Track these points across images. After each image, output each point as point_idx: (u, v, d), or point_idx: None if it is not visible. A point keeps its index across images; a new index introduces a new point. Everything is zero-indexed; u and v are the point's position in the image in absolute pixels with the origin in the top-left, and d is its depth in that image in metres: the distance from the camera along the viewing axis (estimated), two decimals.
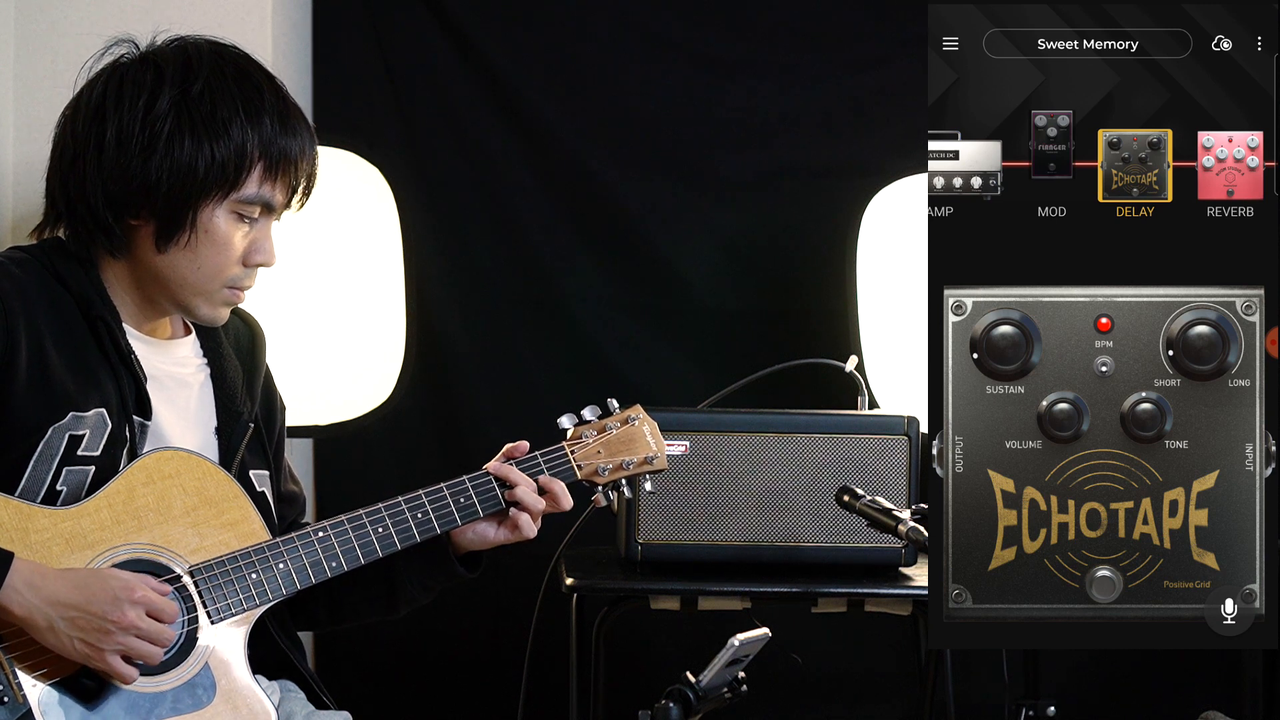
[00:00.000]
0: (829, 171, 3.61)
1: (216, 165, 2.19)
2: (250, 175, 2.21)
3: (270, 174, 2.22)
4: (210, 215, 2.21)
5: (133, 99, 2.20)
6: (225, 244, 2.22)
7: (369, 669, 3.65)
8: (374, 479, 3.56)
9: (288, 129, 2.24)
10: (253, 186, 2.22)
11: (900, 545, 2.92)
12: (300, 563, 2.23)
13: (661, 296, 3.66)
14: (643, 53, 3.64)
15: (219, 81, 2.22)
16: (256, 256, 2.25)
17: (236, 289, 2.26)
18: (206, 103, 2.20)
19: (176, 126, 2.19)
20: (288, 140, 2.23)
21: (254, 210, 2.23)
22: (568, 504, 2.38)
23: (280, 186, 2.24)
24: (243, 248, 2.24)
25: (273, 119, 2.22)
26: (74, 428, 2.16)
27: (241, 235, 2.24)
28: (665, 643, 3.51)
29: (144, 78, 2.21)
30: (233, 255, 2.24)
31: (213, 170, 2.19)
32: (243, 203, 2.22)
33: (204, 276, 2.23)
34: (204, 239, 2.22)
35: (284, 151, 2.23)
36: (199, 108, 2.19)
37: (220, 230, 2.22)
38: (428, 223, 3.54)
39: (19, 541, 2.08)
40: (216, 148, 2.19)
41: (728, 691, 2.31)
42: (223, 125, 2.19)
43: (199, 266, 2.23)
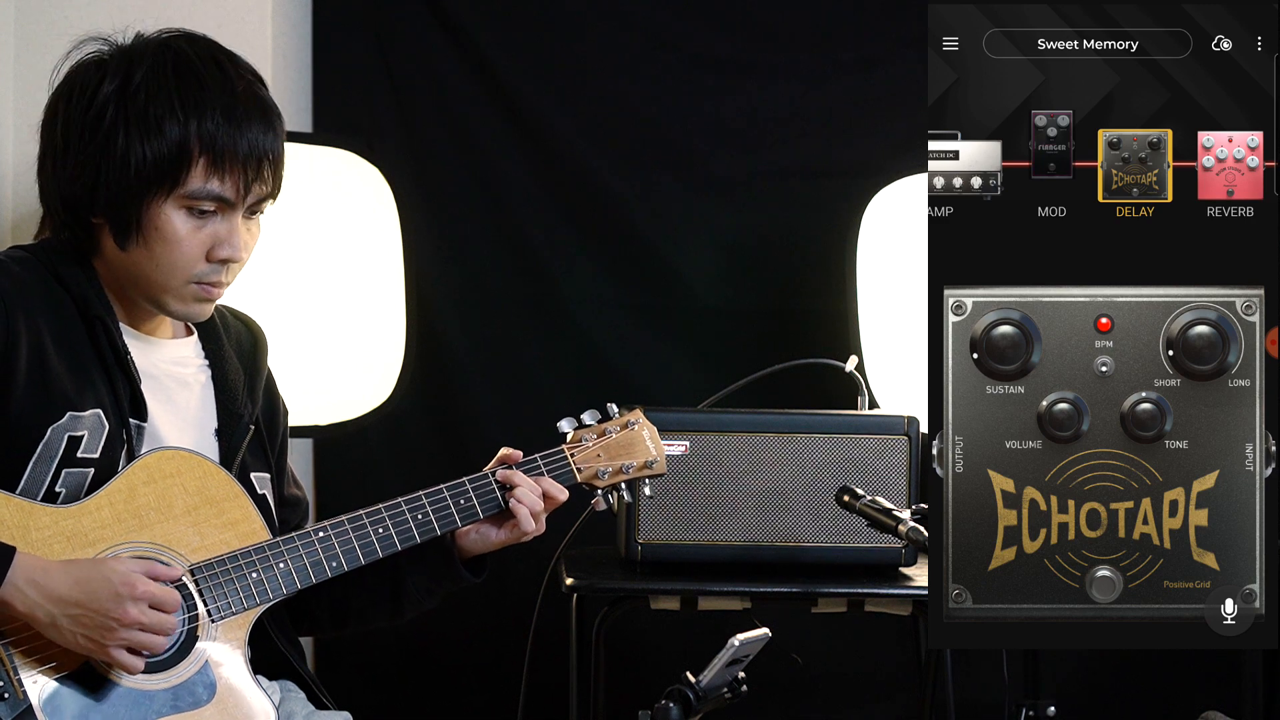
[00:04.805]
0: (829, 171, 3.61)
1: (151, 162, 2.14)
2: (193, 171, 2.16)
3: (216, 168, 2.16)
4: (159, 212, 2.17)
5: (79, 95, 2.18)
6: (178, 240, 2.18)
7: (369, 669, 3.65)
8: (374, 479, 3.56)
9: (233, 121, 2.17)
10: (198, 181, 2.16)
11: (900, 545, 2.92)
12: (300, 562, 2.23)
13: (661, 296, 3.66)
14: (643, 53, 3.64)
15: (156, 76, 2.17)
16: (221, 251, 2.20)
17: (206, 284, 2.22)
18: (142, 97, 2.15)
19: (114, 122, 2.15)
20: (233, 133, 2.16)
21: (206, 204, 2.18)
22: (561, 494, 2.38)
23: (230, 181, 2.17)
24: (201, 243, 2.19)
25: (215, 112, 2.16)
26: (72, 428, 2.16)
27: (196, 231, 2.18)
28: (665, 643, 3.51)
29: (90, 75, 2.19)
30: (190, 252, 2.19)
31: (148, 167, 2.15)
32: (191, 198, 2.17)
33: (165, 274, 2.20)
34: (155, 236, 2.18)
35: (228, 145, 2.16)
36: (134, 102, 2.15)
37: (172, 227, 2.18)
38: (428, 223, 3.54)
39: (20, 539, 2.08)
40: (149, 144, 2.14)
41: (728, 691, 2.31)
42: (155, 121, 2.15)
43: (157, 264, 2.19)
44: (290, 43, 3.48)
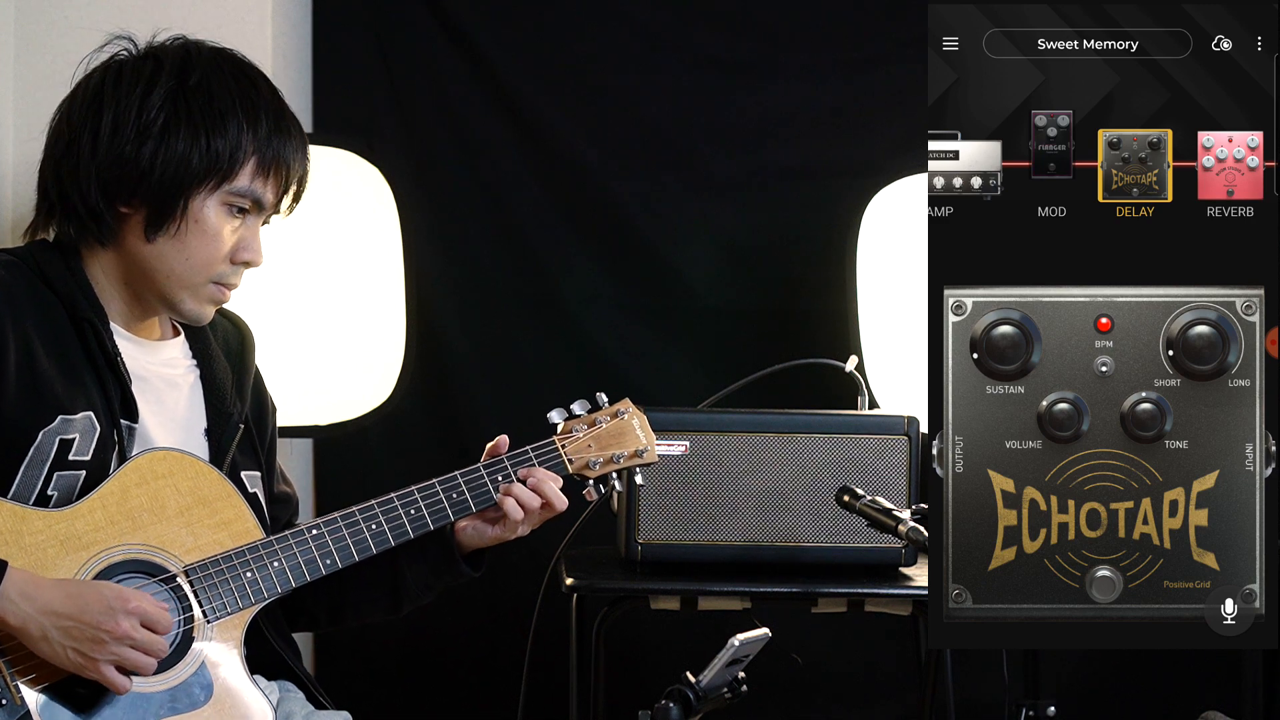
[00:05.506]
0: (829, 171, 3.61)
1: (211, 155, 2.20)
2: (244, 168, 2.22)
3: (263, 171, 2.24)
4: (201, 205, 2.22)
5: (130, 86, 2.22)
6: (214, 236, 2.23)
7: (369, 669, 3.65)
8: (374, 479, 3.56)
9: (281, 130, 2.25)
10: (245, 180, 2.23)
11: (900, 545, 2.92)
12: (295, 561, 2.23)
13: (661, 296, 3.66)
14: (643, 53, 3.64)
15: (216, 76, 2.23)
16: (244, 254, 2.26)
17: (223, 286, 2.27)
18: (203, 95, 2.22)
19: (173, 115, 2.20)
20: (282, 141, 2.25)
21: (245, 203, 2.24)
22: (560, 504, 2.37)
23: (271, 185, 2.25)
24: (231, 243, 2.24)
25: (268, 117, 2.24)
26: (63, 431, 2.16)
27: (231, 229, 2.24)
28: (665, 643, 3.51)
29: (143, 68, 2.24)
30: (221, 249, 2.24)
31: (207, 159, 2.20)
32: (235, 195, 2.23)
33: (191, 269, 2.23)
34: (193, 229, 2.22)
35: (278, 151, 2.24)
36: (195, 99, 2.21)
37: (210, 221, 2.23)
38: (428, 223, 3.54)
39: (14, 544, 2.08)
40: (213, 139, 2.20)
41: (728, 691, 2.31)
42: (219, 117, 2.21)
43: (187, 258, 2.23)
44: (290, 43, 3.48)
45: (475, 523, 2.38)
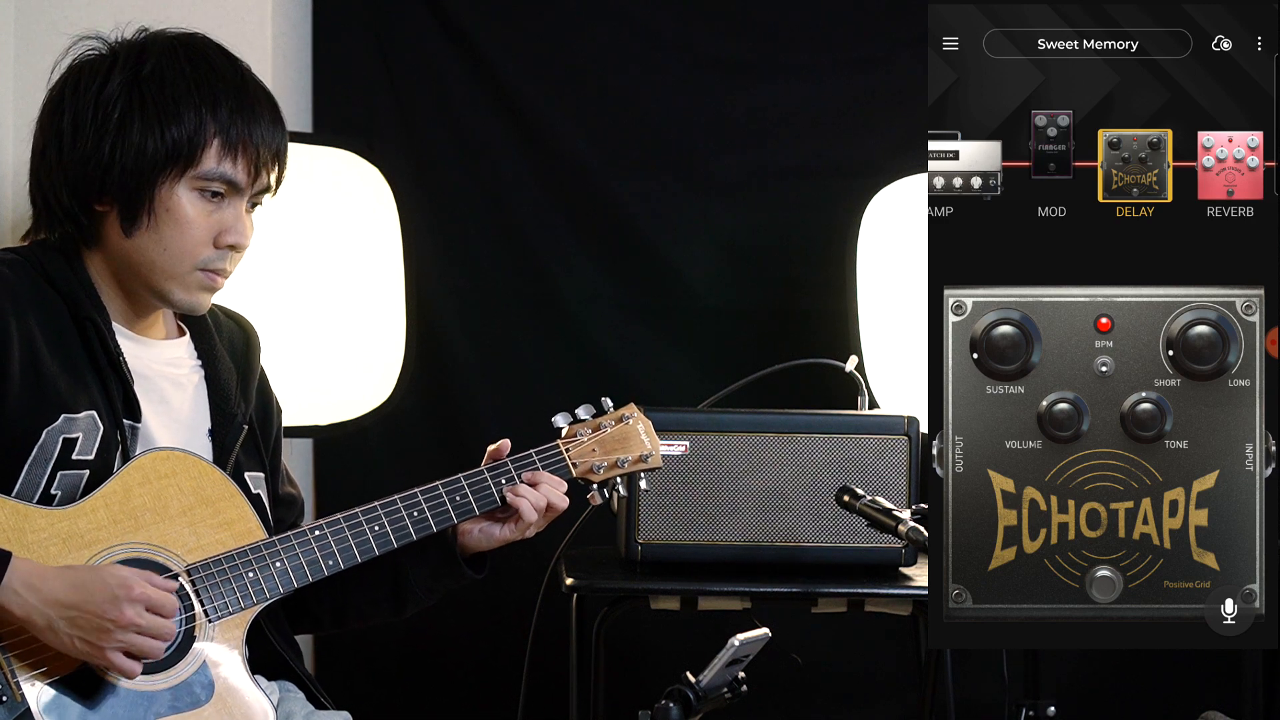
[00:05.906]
0: (829, 171, 3.61)
1: (168, 142, 2.19)
2: (207, 152, 2.20)
3: (229, 152, 2.21)
4: (170, 193, 2.20)
5: (88, 84, 2.21)
6: (190, 222, 2.21)
7: (369, 669, 3.65)
8: (374, 479, 3.56)
9: (244, 109, 2.22)
10: (211, 163, 2.21)
11: (900, 545, 2.92)
12: (297, 561, 2.23)
13: (661, 296, 3.66)
14: (643, 53, 3.64)
15: (171, 62, 2.22)
16: (228, 237, 2.24)
17: (211, 272, 2.24)
18: (156, 83, 2.20)
19: (128, 107, 2.19)
20: (247, 120, 2.22)
21: (217, 186, 2.22)
22: (562, 505, 2.38)
23: (242, 165, 2.22)
24: (210, 228, 2.23)
25: (228, 98, 2.21)
26: (67, 430, 2.16)
27: (205, 214, 2.22)
28: (665, 643, 3.51)
29: (101, 64, 2.23)
30: (198, 234, 2.22)
31: (165, 147, 2.19)
32: (203, 179, 2.21)
33: (172, 258, 2.22)
34: (166, 218, 2.21)
35: (242, 131, 2.21)
36: (149, 88, 2.20)
37: (183, 208, 2.21)
38: (428, 223, 3.54)
39: (16, 541, 2.08)
40: (167, 127, 2.19)
41: (728, 691, 2.30)
42: (172, 104, 2.19)
43: (165, 248, 2.22)
44: (290, 43, 3.48)
45: (483, 524, 2.38)
